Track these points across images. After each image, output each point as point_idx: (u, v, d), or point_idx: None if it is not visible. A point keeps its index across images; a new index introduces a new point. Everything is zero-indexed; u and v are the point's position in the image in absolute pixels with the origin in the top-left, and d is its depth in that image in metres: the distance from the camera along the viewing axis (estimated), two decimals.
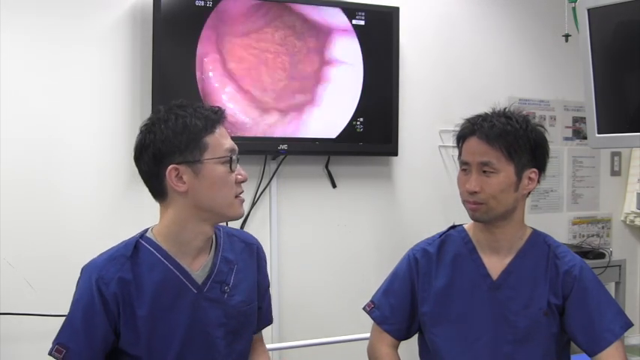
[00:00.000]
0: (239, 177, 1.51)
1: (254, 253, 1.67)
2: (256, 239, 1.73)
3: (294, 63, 2.98)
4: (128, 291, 1.46)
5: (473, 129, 1.65)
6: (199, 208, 1.48)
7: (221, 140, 1.49)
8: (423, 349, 1.79)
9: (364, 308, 1.84)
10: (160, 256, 1.50)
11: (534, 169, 1.65)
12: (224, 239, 1.61)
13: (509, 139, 1.61)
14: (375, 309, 1.82)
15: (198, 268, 1.53)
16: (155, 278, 1.48)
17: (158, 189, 1.49)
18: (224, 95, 2.83)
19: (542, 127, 1.70)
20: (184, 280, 1.51)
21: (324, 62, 3.04)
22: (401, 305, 1.78)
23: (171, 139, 1.45)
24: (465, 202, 1.67)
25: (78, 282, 1.52)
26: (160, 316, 1.48)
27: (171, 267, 1.50)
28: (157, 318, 1.48)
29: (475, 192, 1.62)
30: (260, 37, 2.91)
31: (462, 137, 1.68)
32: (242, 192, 1.53)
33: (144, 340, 1.47)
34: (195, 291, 1.52)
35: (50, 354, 1.50)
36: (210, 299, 1.53)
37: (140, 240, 1.52)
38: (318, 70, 3.02)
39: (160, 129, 1.46)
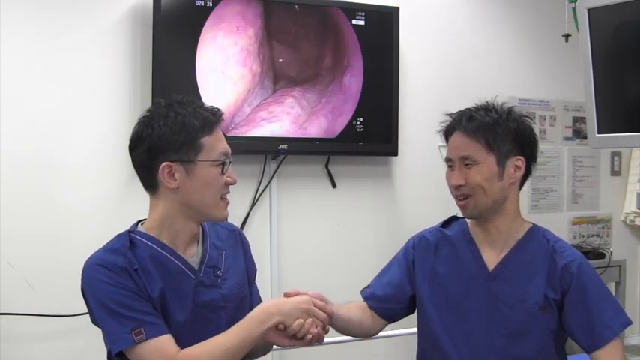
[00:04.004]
0: (229, 180, 1.55)
1: (238, 239, 1.72)
2: (237, 227, 1.78)
3: (294, 63, 2.98)
4: (138, 276, 1.48)
5: (454, 125, 1.70)
6: (186, 205, 1.52)
7: (216, 143, 1.52)
8: (423, 338, 1.80)
9: (360, 291, 1.88)
10: (156, 247, 1.53)
11: (520, 157, 1.67)
12: (209, 227, 1.66)
13: (488, 131, 1.64)
14: (368, 288, 1.86)
15: (192, 255, 1.58)
16: (158, 267, 1.51)
17: (149, 182, 1.53)
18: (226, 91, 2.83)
19: (528, 117, 1.73)
20: (183, 267, 1.55)
21: (324, 62, 3.04)
22: (393, 285, 1.81)
23: (168, 136, 1.48)
24: (454, 198, 1.71)
25: (86, 277, 1.49)
26: (168, 301, 1.50)
27: (170, 256, 1.53)
28: (166, 301, 1.50)
29: (460, 185, 1.66)
30: (260, 38, 2.91)
31: (446, 134, 1.73)
32: (228, 193, 1.57)
33: None
34: (193, 277, 1.56)
35: (129, 346, 1.43)
36: (205, 284, 1.57)
37: (132, 234, 1.54)
38: (318, 70, 3.02)
39: (159, 125, 1.49)
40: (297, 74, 2.98)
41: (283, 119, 2.95)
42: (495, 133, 1.64)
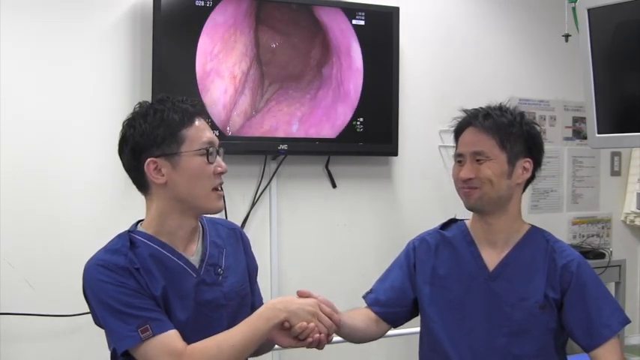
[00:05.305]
0: (218, 169, 1.54)
1: (239, 237, 1.71)
2: (237, 225, 1.78)
3: (295, 63, 2.98)
4: (140, 275, 1.48)
5: (469, 120, 1.72)
6: (178, 199, 1.52)
7: (198, 133, 1.52)
8: (423, 339, 1.81)
9: (363, 296, 1.88)
10: (156, 247, 1.53)
11: (528, 159, 1.70)
12: (209, 226, 1.65)
13: (503, 129, 1.68)
14: (371, 293, 1.87)
15: (192, 254, 1.57)
16: (159, 266, 1.51)
17: (140, 182, 1.54)
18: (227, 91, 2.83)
19: (536, 124, 1.77)
20: (184, 266, 1.54)
21: (324, 62, 3.04)
22: (395, 289, 1.82)
23: (148, 133, 1.49)
24: (459, 189, 1.72)
25: (88, 279, 1.49)
26: (170, 300, 1.50)
27: (170, 255, 1.53)
28: (168, 300, 1.50)
29: (469, 178, 1.67)
30: (259, 38, 2.91)
31: (458, 130, 1.75)
32: (221, 183, 1.56)
33: None
34: (195, 275, 1.55)
35: (136, 344, 1.43)
36: (206, 283, 1.56)
37: (132, 234, 1.54)
38: (318, 70, 3.02)
39: (139, 123, 1.51)
40: (297, 74, 2.98)
41: (283, 119, 2.95)
42: (509, 133, 1.68)
